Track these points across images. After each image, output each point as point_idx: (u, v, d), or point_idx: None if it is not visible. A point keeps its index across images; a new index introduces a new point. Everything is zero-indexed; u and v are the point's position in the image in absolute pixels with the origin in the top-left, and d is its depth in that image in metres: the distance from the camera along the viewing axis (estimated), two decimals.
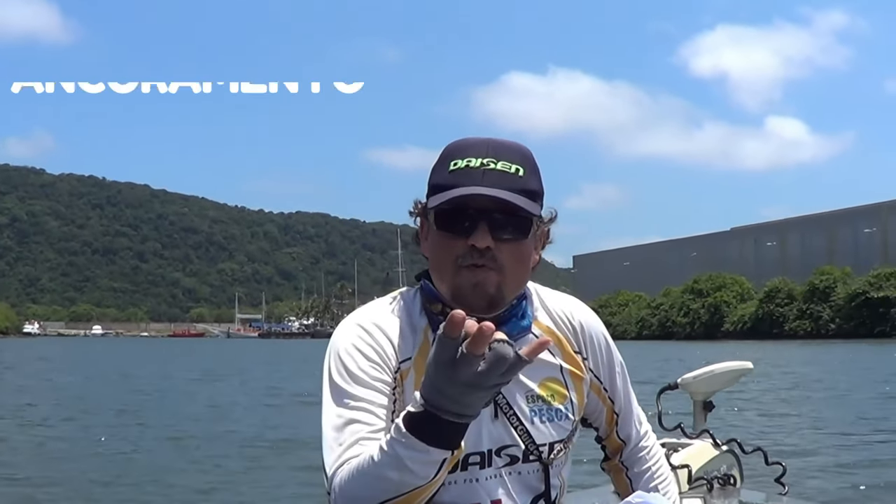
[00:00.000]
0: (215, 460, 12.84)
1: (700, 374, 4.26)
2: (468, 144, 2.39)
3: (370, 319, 2.43)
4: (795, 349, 61.60)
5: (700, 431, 4.26)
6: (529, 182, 2.35)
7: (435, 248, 2.42)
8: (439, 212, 2.35)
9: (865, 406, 19.98)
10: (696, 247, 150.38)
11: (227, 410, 20.72)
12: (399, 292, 2.56)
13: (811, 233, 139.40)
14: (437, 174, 2.40)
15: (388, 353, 2.37)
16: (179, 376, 35.88)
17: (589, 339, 2.57)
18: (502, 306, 2.38)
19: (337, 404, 2.31)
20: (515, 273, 2.36)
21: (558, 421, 2.47)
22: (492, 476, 2.41)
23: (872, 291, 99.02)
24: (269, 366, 47.00)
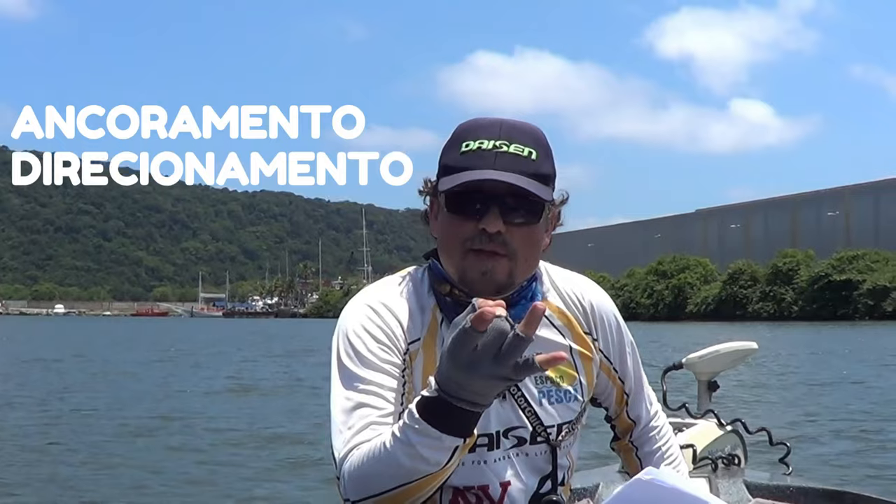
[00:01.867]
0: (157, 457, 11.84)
1: (705, 354, 4.27)
2: (480, 125, 2.35)
3: (379, 299, 2.41)
4: (759, 331, 61.82)
5: (705, 411, 4.27)
6: (542, 166, 2.33)
7: (445, 229, 2.37)
8: (450, 194, 2.31)
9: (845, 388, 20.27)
10: (661, 228, 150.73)
11: (181, 396, 19.85)
12: (407, 271, 2.52)
13: (775, 216, 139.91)
14: (449, 155, 2.36)
15: (397, 333, 2.35)
16: (130, 358, 34.99)
17: (599, 319, 2.56)
18: (511, 290, 2.36)
19: (346, 387, 2.29)
20: (526, 258, 2.34)
21: (567, 402, 2.46)
22: (500, 458, 2.40)
23: (835, 274, 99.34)
24: (234, 347, 46.33)
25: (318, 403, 16.35)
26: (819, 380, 22.43)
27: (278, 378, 24.57)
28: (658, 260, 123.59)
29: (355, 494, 2.16)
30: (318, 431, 12.73)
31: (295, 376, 25.01)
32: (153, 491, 9.61)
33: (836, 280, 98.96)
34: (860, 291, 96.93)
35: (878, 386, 20.87)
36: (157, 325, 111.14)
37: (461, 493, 2.40)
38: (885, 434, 13.23)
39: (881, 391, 19.54)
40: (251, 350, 41.26)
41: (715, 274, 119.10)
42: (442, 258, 2.41)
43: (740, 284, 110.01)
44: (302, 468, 10.78)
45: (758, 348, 4.34)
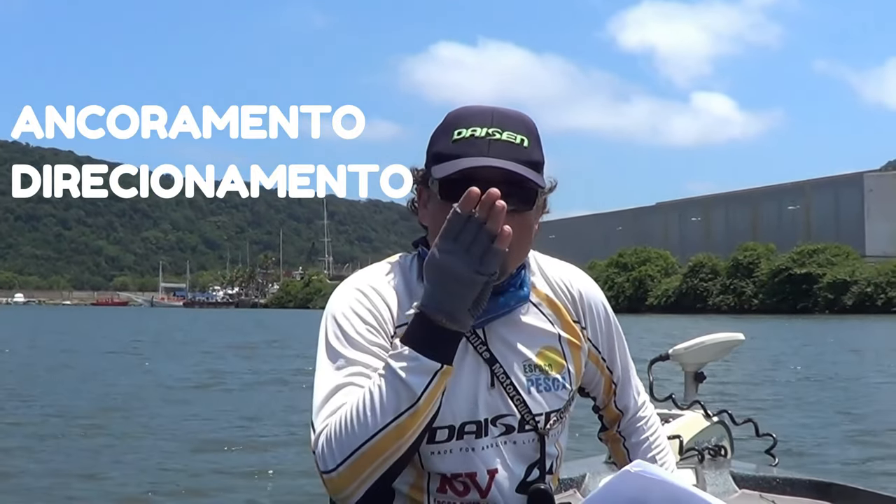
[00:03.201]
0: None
1: (691, 345, 4.27)
2: (471, 113, 2.35)
3: (368, 283, 2.40)
4: (720, 323, 62.08)
5: (691, 402, 4.27)
6: (534, 153, 2.33)
7: (437, 217, 2.31)
8: (445, 182, 2.31)
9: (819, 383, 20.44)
10: (622, 221, 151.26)
11: (137, 393, 18.54)
12: (396, 258, 2.51)
13: (736, 209, 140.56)
14: (440, 143, 2.35)
15: (385, 317, 2.34)
16: (88, 348, 34.57)
17: (588, 308, 2.56)
18: (503, 278, 2.35)
19: (332, 367, 2.29)
20: (519, 245, 2.31)
21: (555, 391, 2.45)
22: (488, 445, 2.39)
23: (795, 268, 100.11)
24: (195, 338, 45.94)
25: (285, 404, 15.98)
26: (802, 373, 22.70)
27: (235, 374, 23.11)
28: (619, 252, 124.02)
29: (332, 459, 2.15)
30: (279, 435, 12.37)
31: (259, 370, 23.87)
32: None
33: (796, 274, 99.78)
34: (820, 285, 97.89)
35: (856, 378, 21.32)
36: (116, 315, 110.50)
37: (449, 481, 2.39)
38: (866, 424, 13.54)
39: (863, 384, 20.02)
40: (212, 342, 40.93)
41: (676, 267, 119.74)
42: (432, 245, 2.34)
43: (701, 277, 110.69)
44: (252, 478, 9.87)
45: (744, 339, 4.34)
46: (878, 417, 14.34)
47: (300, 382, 18.66)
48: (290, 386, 19.26)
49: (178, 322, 79.17)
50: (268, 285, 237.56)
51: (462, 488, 2.40)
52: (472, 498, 2.40)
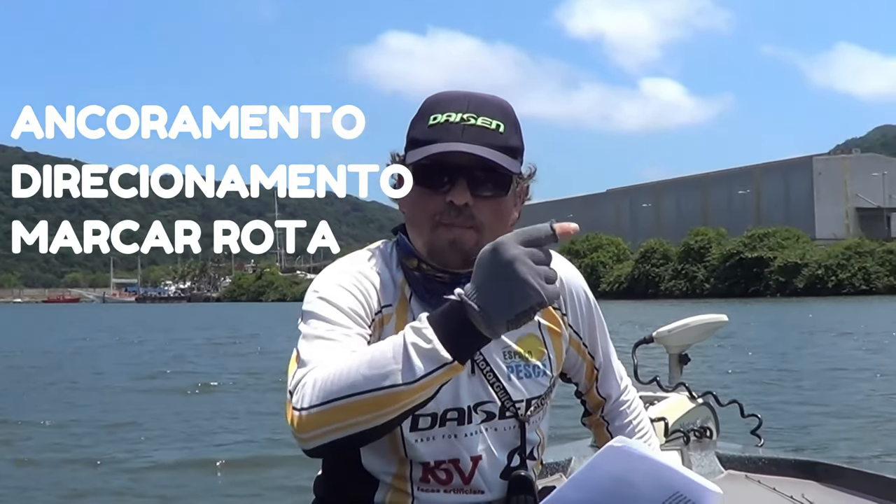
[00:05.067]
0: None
1: (675, 327, 4.28)
2: (448, 99, 2.36)
3: (353, 266, 2.41)
4: (671, 308, 62.40)
5: (676, 384, 4.29)
6: (510, 139, 2.35)
7: (413, 203, 2.39)
8: (417, 167, 2.34)
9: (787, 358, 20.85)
10: (573, 208, 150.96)
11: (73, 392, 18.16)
12: (376, 245, 2.51)
13: (686, 194, 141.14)
14: (416, 128, 2.37)
15: (371, 293, 2.35)
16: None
17: (568, 294, 2.58)
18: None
19: (314, 327, 2.25)
20: (494, 230, 2.31)
21: (536, 377, 2.46)
22: (471, 433, 2.40)
23: (746, 252, 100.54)
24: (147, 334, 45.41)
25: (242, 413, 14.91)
26: (776, 353, 23.17)
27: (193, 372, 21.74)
28: (570, 239, 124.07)
29: (310, 398, 2.05)
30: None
31: (223, 369, 22.52)
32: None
33: (747, 257, 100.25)
34: (771, 269, 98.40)
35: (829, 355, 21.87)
36: (67, 312, 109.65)
37: (432, 470, 2.40)
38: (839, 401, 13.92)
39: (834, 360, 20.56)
40: (162, 336, 40.56)
41: (627, 253, 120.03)
42: (410, 233, 2.42)
43: (652, 263, 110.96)
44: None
45: (728, 321, 4.35)
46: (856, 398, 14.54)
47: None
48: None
49: (133, 317, 78.63)
50: (220, 279, 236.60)
51: (445, 476, 2.41)
52: (456, 485, 2.41)
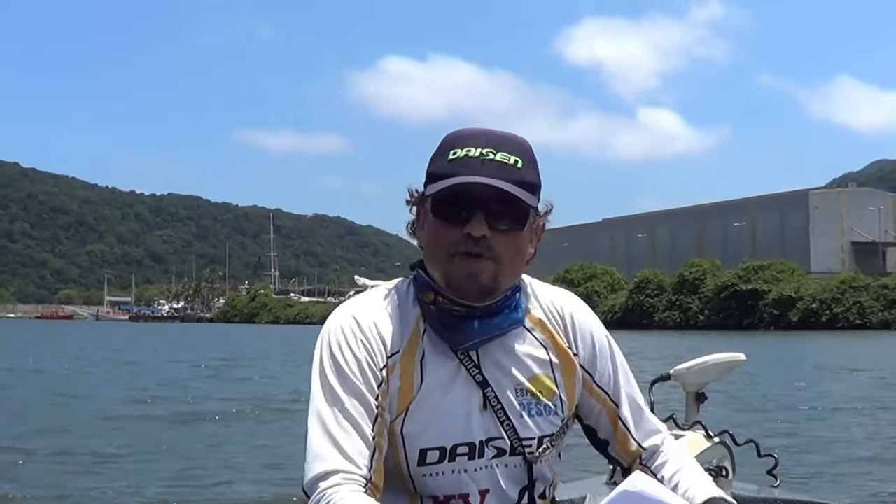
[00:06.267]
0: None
1: (692, 365, 4.26)
2: (467, 135, 2.40)
3: (362, 313, 2.43)
4: (665, 339, 62.41)
5: (692, 423, 4.27)
6: (527, 174, 2.37)
7: (431, 236, 2.41)
8: (436, 199, 2.37)
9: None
10: (568, 237, 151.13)
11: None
12: (394, 283, 2.54)
13: (682, 225, 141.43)
14: (436, 163, 2.40)
15: (377, 349, 2.38)
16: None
17: (580, 332, 2.56)
18: (496, 296, 2.39)
19: (328, 406, 2.32)
20: (511, 263, 2.37)
21: (547, 416, 2.46)
22: (481, 467, 2.41)
23: (741, 284, 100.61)
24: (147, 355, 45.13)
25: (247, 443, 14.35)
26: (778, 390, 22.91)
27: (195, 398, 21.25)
28: (565, 268, 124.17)
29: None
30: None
31: (218, 395, 21.89)
32: None
33: (741, 290, 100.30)
34: (766, 301, 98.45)
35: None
36: (61, 329, 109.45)
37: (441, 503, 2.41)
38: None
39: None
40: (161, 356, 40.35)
41: (622, 283, 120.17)
42: (428, 265, 2.43)
43: (647, 293, 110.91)
44: None
45: (745, 359, 4.34)
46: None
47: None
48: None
49: (127, 337, 78.23)
50: (214, 299, 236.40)
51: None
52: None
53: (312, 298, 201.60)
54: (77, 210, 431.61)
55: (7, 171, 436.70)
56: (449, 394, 2.37)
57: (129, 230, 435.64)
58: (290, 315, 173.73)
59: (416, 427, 2.37)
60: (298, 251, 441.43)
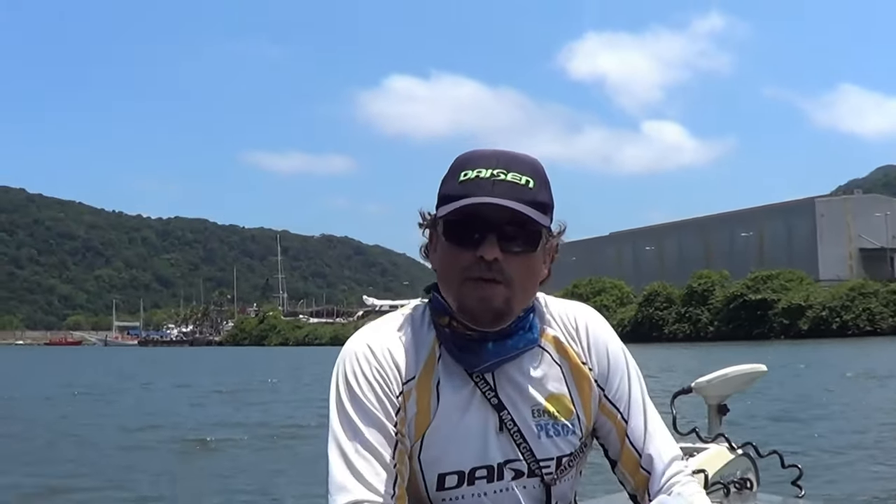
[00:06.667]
0: None
1: (713, 377, 4.25)
2: (478, 156, 2.39)
3: (377, 340, 2.43)
4: (676, 352, 62.34)
5: (715, 435, 4.25)
6: (539, 194, 2.36)
7: (443, 259, 2.40)
8: (448, 222, 2.36)
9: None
10: (576, 251, 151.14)
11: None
12: (410, 307, 2.53)
13: (689, 237, 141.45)
14: (447, 185, 2.39)
15: (392, 376, 2.38)
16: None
17: (595, 346, 2.53)
18: (509, 319, 2.37)
19: (346, 438, 2.33)
20: (524, 286, 2.37)
21: (565, 436, 2.44)
22: (499, 490, 2.41)
23: (750, 294, 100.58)
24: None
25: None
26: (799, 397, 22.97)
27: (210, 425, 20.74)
28: (573, 283, 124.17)
29: None
30: None
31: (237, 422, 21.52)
32: None
33: (751, 300, 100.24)
34: (775, 311, 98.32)
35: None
36: (70, 355, 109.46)
37: None
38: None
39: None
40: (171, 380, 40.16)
41: (630, 296, 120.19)
42: (441, 289, 2.42)
43: (656, 306, 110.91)
44: None
45: (767, 370, 4.33)
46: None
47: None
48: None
49: (137, 361, 78.08)
50: (222, 322, 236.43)
51: None
52: None
53: (321, 319, 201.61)
54: (84, 235, 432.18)
55: (13, 197, 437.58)
56: (465, 417, 2.36)
57: (136, 254, 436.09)
58: (300, 336, 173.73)
59: (434, 452, 2.36)
60: (306, 272, 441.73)
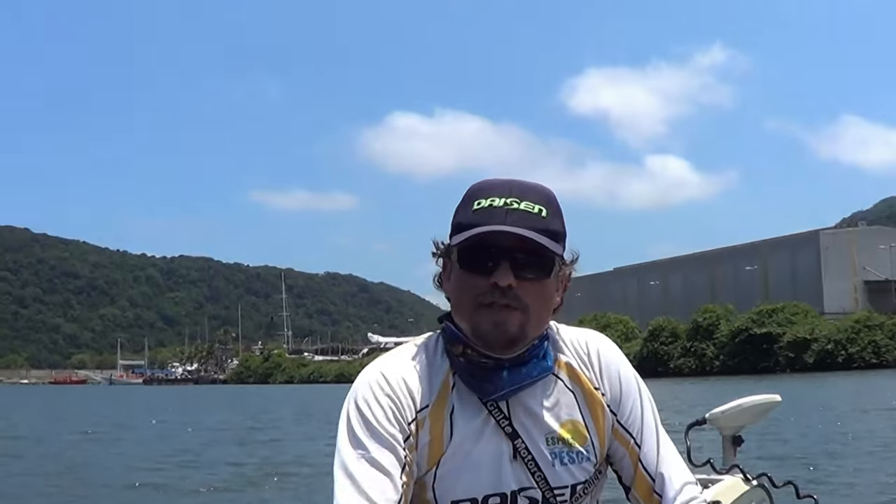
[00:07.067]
0: None
1: (728, 408, 4.26)
2: (492, 185, 2.41)
3: (390, 369, 2.44)
4: (682, 386, 62.22)
5: (730, 466, 4.25)
6: (552, 223, 2.38)
7: (457, 286, 2.42)
8: (462, 250, 2.37)
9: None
10: (581, 287, 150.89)
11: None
12: (424, 337, 2.54)
13: (693, 271, 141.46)
14: (461, 214, 2.41)
15: (405, 404, 2.39)
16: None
17: (606, 371, 2.55)
18: (523, 346, 2.38)
19: (354, 457, 2.33)
20: (537, 313, 2.38)
21: (579, 463, 2.45)
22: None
23: (755, 328, 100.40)
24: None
25: None
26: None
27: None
28: (579, 318, 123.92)
29: None
30: None
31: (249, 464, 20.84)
32: None
33: (756, 333, 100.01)
34: (781, 344, 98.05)
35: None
36: (75, 394, 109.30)
37: None
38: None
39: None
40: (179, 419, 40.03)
41: (636, 331, 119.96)
42: (455, 316, 2.44)
43: (661, 341, 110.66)
44: None
45: (781, 401, 4.34)
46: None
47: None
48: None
49: (142, 401, 77.83)
50: (227, 361, 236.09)
51: None
52: None
53: (326, 357, 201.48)
54: (88, 274, 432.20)
55: (18, 236, 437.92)
56: (479, 446, 2.37)
57: (140, 293, 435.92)
58: (305, 374, 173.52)
59: (448, 480, 2.37)
60: (311, 310, 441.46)
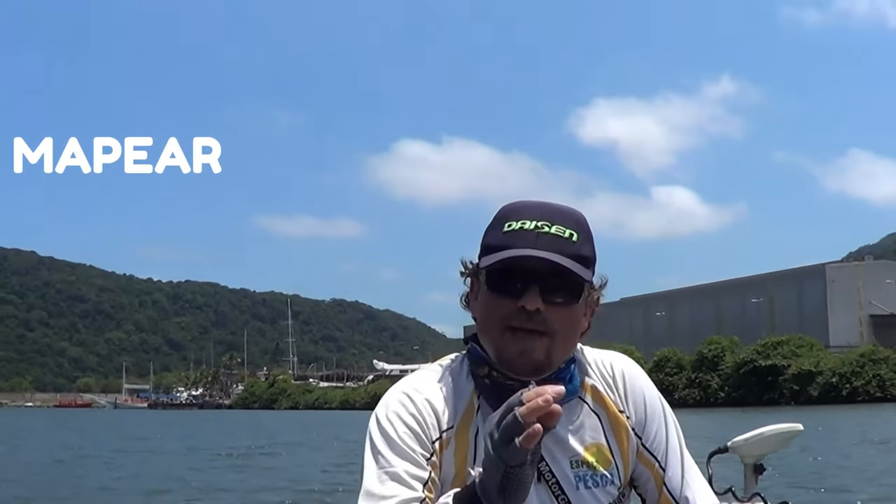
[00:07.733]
0: None
1: (750, 437, 4.29)
2: (523, 207, 2.41)
3: (415, 388, 2.45)
4: (688, 418, 61.91)
5: (751, 495, 4.27)
6: (582, 248, 2.38)
7: (484, 308, 2.42)
8: (491, 271, 2.37)
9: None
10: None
11: None
12: (449, 358, 2.55)
13: (699, 303, 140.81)
14: (491, 235, 2.42)
15: (430, 423, 2.39)
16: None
17: (631, 394, 2.56)
18: (549, 371, 2.38)
19: (377, 472, 2.32)
20: (565, 338, 2.38)
21: (604, 486, 2.46)
22: None
23: (760, 360, 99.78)
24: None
25: None
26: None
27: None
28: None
29: None
30: None
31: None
32: None
33: (761, 365, 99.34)
34: (785, 377, 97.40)
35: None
36: (80, 417, 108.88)
37: None
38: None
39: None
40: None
41: (641, 362, 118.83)
42: (481, 338, 2.44)
43: (666, 372, 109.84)
44: None
45: (803, 429, 4.38)
46: None
47: None
48: None
49: (148, 426, 77.49)
50: (232, 386, 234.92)
51: None
52: None
53: (331, 383, 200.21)
54: (94, 298, 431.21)
55: (24, 259, 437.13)
56: None
57: (146, 318, 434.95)
58: (310, 400, 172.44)
59: None
60: (316, 336, 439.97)
